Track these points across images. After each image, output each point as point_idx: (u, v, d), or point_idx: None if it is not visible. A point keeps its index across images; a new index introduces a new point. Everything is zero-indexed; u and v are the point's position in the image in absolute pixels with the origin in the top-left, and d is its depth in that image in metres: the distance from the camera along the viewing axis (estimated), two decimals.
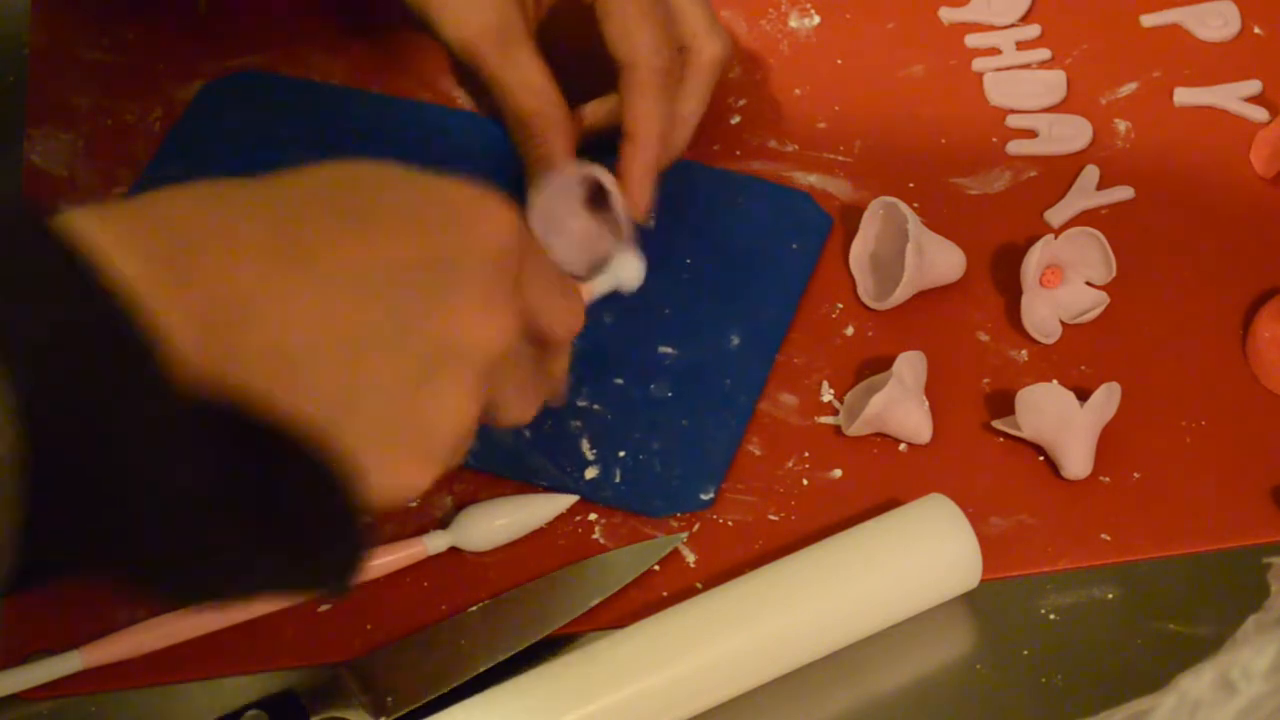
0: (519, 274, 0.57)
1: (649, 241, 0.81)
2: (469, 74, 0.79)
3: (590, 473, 0.75)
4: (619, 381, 0.78)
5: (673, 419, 0.77)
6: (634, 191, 0.76)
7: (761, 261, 0.82)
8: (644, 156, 0.77)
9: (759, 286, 0.81)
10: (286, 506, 0.51)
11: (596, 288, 0.73)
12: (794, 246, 0.82)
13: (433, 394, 0.54)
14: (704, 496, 0.75)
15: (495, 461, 0.75)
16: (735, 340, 0.79)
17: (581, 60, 0.78)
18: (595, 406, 0.77)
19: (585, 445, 0.76)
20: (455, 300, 0.54)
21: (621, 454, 0.76)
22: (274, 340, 0.50)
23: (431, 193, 0.56)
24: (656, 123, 0.77)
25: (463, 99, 0.87)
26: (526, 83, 0.77)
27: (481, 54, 0.76)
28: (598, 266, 0.74)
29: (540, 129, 0.77)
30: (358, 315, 0.52)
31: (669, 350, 0.79)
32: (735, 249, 0.82)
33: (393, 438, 0.53)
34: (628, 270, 0.74)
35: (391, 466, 0.54)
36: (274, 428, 0.50)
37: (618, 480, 0.75)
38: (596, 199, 0.75)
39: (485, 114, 0.82)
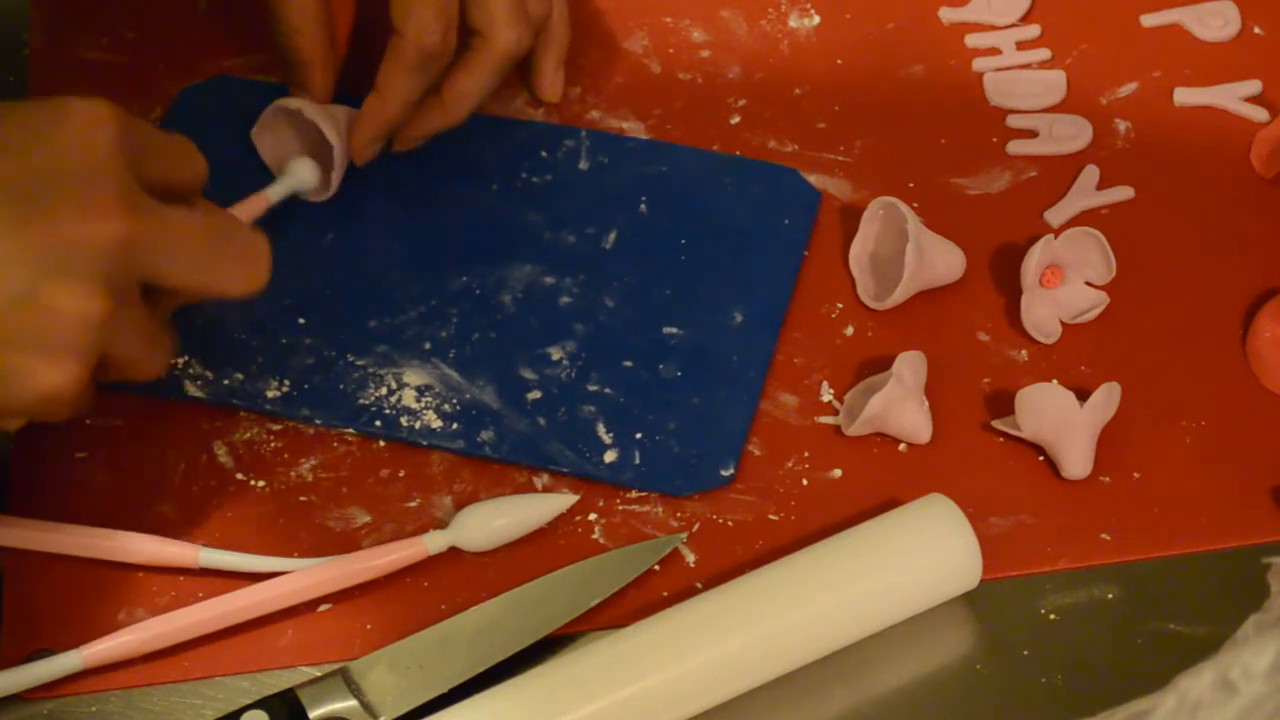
0: (139, 161, 0.63)
1: (644, 225, 0.83)
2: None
3: (609, 456, 0.76)
4: (628, 364, 0.78)
5: (685, 398, 0.77)
6: (359, 139, 0.82)
7: (755, 238, 0.82)
8: (380, 113, 0.81)
9: (756, 263, 0.81)
10: None
11: (275, 192, 0.81)
12: (786, 222, 0.83)
13: (49, 297, 0.61)
14: (724, 473, 0.75)
15: (513, 451, 0.76)
16: (738, 317, 0.79)
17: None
18: (607, 390, 0.77)
19: (601, 429, 0.76)
20: (53, 207, 0.61)
21: (639, 435, 0.76)
22: None
23: (21, 115, 0.63)
24: (402, 90, 0.81)
25: None
26: (300, 3, 0.81)
27: None
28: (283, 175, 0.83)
29: (301, 50, 0.82)
30: None
31: (674, 331, 0.79)
32: (728, 228, 0.83)
33: (16, 346, 0.61)
34: (303, 173, 0.82)
35: (22, 372, 0.61)
36: None
37: (637, 462, 0.75)
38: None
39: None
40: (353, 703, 0.68)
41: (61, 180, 0.62)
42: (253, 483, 0.76)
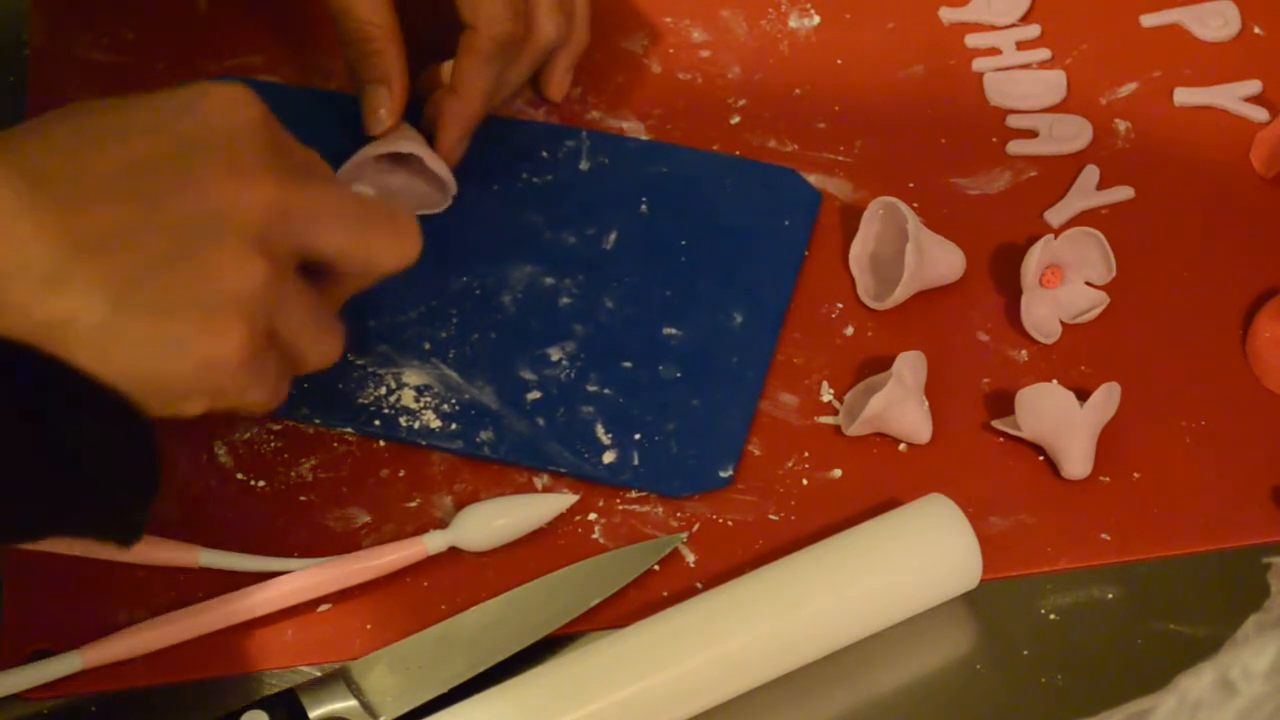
0: (276, 141, 0.63)
1: (644, 226, 0.83)
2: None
3: (608, 457, 0.76)
4: (627, 365, 0.78)
5: (684, 399, 0.77)
6: (447, 140, 0.82)
7: (755, 239, 0.82)
8: (463, 111, 0.82)
9: (755, 264, 0.81)
10: (71, 450, 0.58)
11: None
12: (786, 222, 0.83)
13: (205, 259, 0.60)
14: (723, 474, 0.75)
15: (512, 452, 0.76)
16: (738, 318, 0.80)
17: (436, 19, 0.81)
18: (606, 391, 0.77)
19: (600, 430, 0.76)
20: (202, 174, 0.60)
21: (638, 436, 0.76)
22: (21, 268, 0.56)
23: (161, 99, 0.63)
24: (481, 84, 0.81)
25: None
26: None
27: None
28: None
29: (376, 39, 0.80)
30: (104, 216, 0.58)
31: (673, 331, 0.79)
32: (728, 228, 0.83)
33: (175, 311, 0.59)
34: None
35: (182, 339, 0.59)
36: (56, 374, 0.57)
37: (636, 463, 0.75)
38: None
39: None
40: (353, 703, 0.68)
41: (208, 149, 0.61)
42: (253, 483, 0.76)
